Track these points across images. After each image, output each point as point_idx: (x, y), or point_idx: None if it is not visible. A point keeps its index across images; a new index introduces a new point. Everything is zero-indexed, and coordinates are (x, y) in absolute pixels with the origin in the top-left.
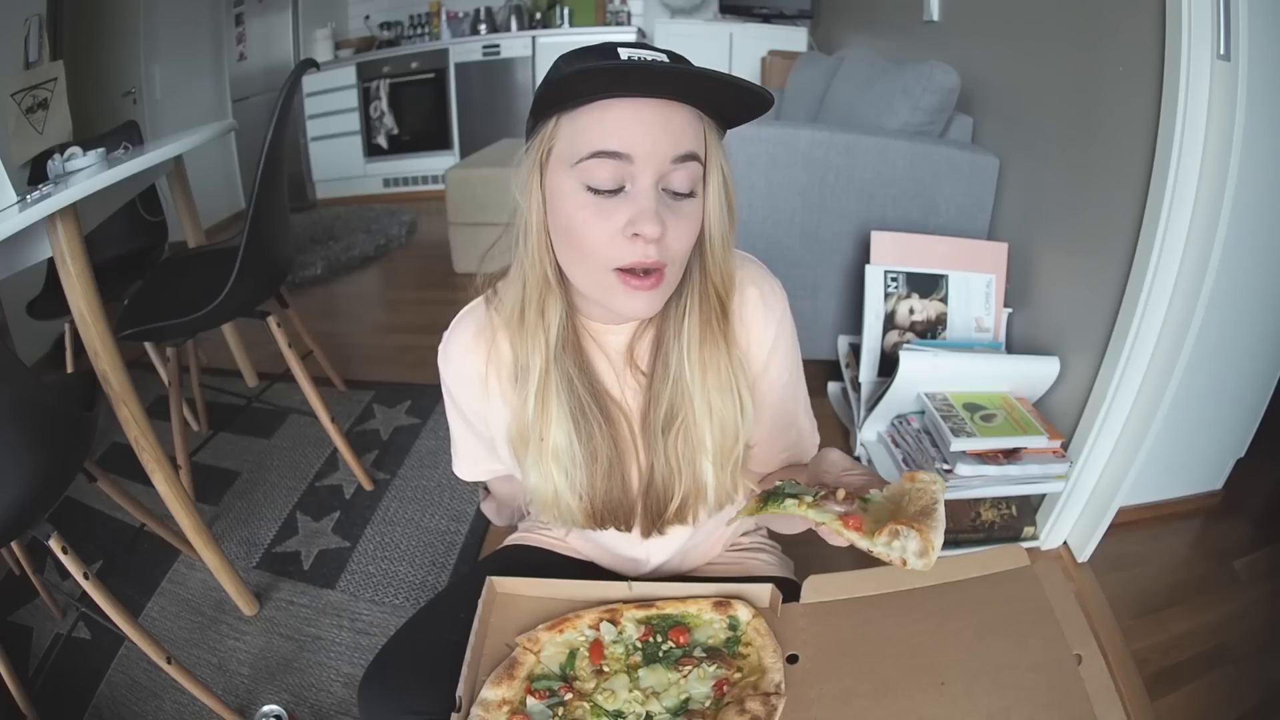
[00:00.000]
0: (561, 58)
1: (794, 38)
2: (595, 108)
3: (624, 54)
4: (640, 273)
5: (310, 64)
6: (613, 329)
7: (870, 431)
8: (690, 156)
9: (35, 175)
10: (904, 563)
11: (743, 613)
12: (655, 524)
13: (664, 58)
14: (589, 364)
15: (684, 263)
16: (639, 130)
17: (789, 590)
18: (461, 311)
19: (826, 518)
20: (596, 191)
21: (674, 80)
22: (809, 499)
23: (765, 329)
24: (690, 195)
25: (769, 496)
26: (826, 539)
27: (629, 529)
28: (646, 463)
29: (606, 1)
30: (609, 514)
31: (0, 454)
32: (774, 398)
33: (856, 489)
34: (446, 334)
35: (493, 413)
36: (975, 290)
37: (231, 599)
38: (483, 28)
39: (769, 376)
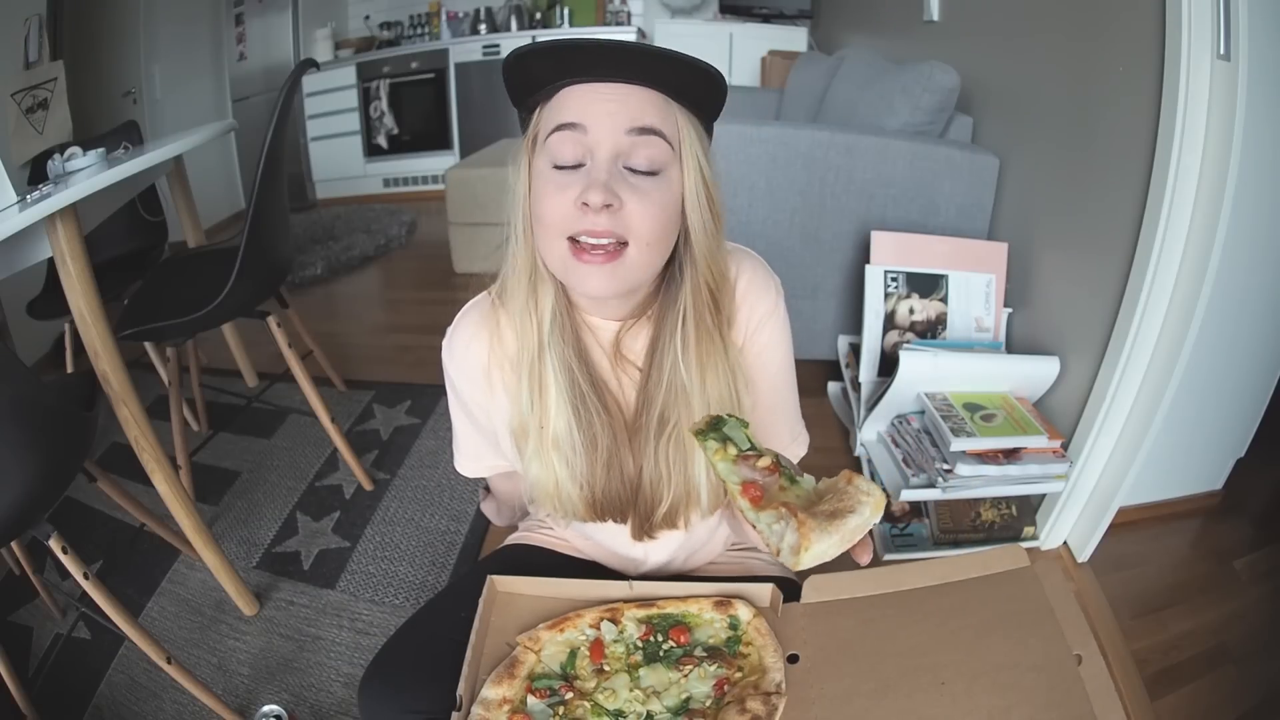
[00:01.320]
0: None
1: (794, 38)
2: (566, 92)
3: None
4: (590, 247)
5: (310, 64)
6: (605, 323)
7: (870, 431)
8: (649, 130)
9: (35, 175)
10: (777, 552)
11: (743, 612)
12: (644, 527)
13: None
14: (587, 354)
15: (656, 247)
16: (596, 103)
17: (789, 590)
18: (466, 305)
19: (730, 478)
20: (560, 168)
21: (627, 60)
22: (733, 452)
23: (751, 314)
24: (654, 174)
25: (711, 425)
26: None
27: (625, 521)
28: (636, 464)
29: (606, 1)
30: (608, 505)
31: (0, 454)
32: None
33: (787, 464)
34: (451, 327)
35: (495, 404)
36: (975, 290)
37: (231, 599)
38: (483, 28)
39: (747, 362)
